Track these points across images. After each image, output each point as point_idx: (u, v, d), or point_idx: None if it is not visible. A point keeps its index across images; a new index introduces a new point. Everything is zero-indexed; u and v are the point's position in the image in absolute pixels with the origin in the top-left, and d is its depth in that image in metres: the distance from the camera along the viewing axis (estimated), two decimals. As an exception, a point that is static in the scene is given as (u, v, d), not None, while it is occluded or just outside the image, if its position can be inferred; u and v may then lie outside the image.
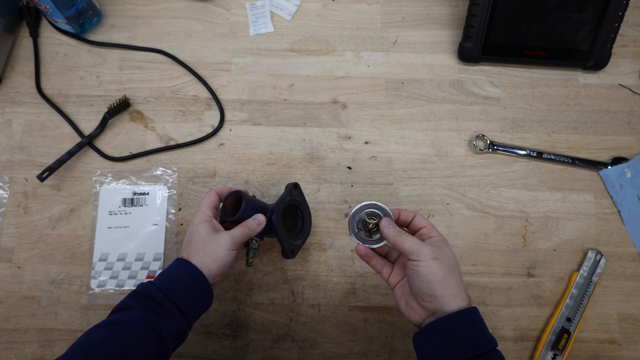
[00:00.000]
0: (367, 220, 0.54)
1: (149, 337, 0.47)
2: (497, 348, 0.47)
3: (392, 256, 0.57)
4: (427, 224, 0.52)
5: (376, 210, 0.54)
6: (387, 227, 0.51)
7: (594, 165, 0.73)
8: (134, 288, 0.52)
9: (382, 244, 0.54)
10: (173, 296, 0.50)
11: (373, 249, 0.55)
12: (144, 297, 0.50)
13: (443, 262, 0.48)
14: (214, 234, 0.55)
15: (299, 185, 0.65)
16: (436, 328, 0.47)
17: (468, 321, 0.46)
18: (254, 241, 0.59)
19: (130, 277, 0.68)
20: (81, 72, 0.77)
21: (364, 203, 0.54)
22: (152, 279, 0.53)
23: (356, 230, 0.54)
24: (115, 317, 0.49)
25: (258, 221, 0.58)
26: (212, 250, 0.53)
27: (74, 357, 0.45)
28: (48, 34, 0.78)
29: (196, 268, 0.52)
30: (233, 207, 0.61)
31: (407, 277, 0.50)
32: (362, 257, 0.55)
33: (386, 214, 0.54)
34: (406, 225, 0.54)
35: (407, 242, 0.49)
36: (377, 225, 0.53)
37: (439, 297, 0.47)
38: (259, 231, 0.58)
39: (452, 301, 0.47)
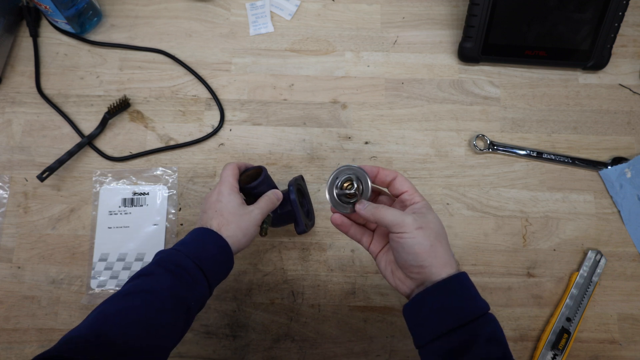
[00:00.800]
0: (345, 188, 0.50)
1: (179, 307, 0.47)
2: (490, 312, 0.45)
3: (370, 225, 0.54)
4: (409, 188, 0.49)
5: (352, 175, 0.50)
6: (363, 208, 0.48)
7: (594, 165, 0.73)
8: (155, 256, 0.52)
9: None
10: (201, 264, 0.49)
11: (350, 217, 0.52)
12: (172, 264, 0.49)
13: (428, 230, 0.45)
14: (245, 207, 0.55)
15: (303, 178, 0.66)
16: (425, 298, 0.45)
17: (457, 288, 0.44)
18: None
19: (130, 277, 0.68)
20: (81, 72, 0.77)
21: (339, 168, 0.50)
22: (172, 247, 0.52)
23: (335, 199, 0.51)
24: (142, 284, 0.47)
25: (277, 196, 0.59)
26: (245, 224, 0.54)
27: (102, 324, 0.43)
28: (48, 34, 0.78)
29: (223, 239, 0.52)
30: (251, 180, 0.60)
31: (392, 249, 0.48)
32: (338, 226, 0.52)
33: (362, 178, 0.50)
34: (386, 185, 0.51)
35: (387, 215, 0.46)
36: (353, 193, 0.50)
37: (427, 267, 0.44)
38: (278, 204, 0.59)
39: (441, 270, 0.44)
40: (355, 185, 0.49)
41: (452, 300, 0.44)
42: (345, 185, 0.50)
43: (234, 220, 0.53)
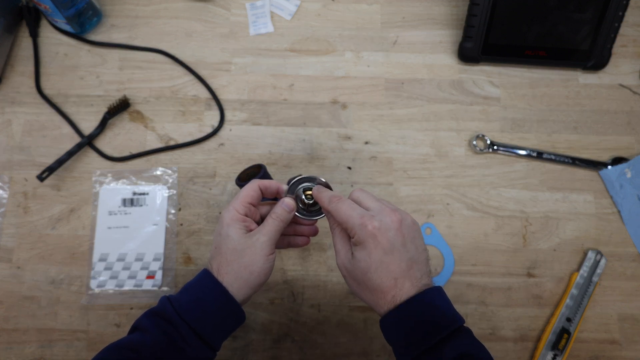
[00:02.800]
0: (304, 196, 0.50)
1: None
2: (464, 325, 0.43)
3: None
4: (343, 224, 0.45)
5: (310, 184, 0.50)
6: (318, 192, 0.47)
7: (594, 165, 0.73)
8: (145, 306, 0.48)
9: (321, 216, 0.51)
10: (193, 322, 0.43)
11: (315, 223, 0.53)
12: (161, 318, 0.44)
13: (351, 281, 0.45)
14: (247, 237, 0.46)
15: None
16: (385, 321, 0.44)
17: (416, 312, 0.42)
18: None
19: (130, 277, 0.68)
20: (81, 72, 0.77)
21: (296, 178, 0.50)
22: (173, 294, 0.46)
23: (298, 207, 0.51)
24: (129, 339, 0.44)
25: (287, 207, 0.49)
26: (248, 259, 0.45)
27: None
28: (48, 34, 0.78)
29: (222, 289, 0.44)
30: (249, 179, 0.58)
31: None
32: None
33: (319, 182, 0.50)
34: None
35: (335, 246, 0.46)
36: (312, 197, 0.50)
37: (378, 287, 0.43)
38: (290, 219, 0.49)
39: (383, 307, 0.43)
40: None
41: (411, 328, 0.42)
42: (306, 194, 0.50)
43: (233, 258, 0.45)
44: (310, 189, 0.50)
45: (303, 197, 0.51)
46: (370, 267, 0.42)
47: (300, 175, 0.52)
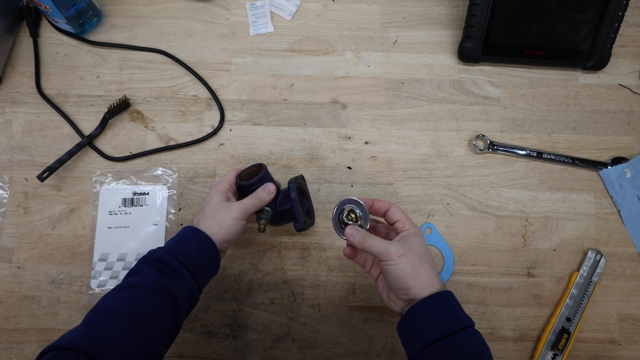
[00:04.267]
0: (346, 219, 0.56)
1: (162, 297, 0.49)
2: (476, 328, 0.49)
3: None
4: (401, 217, 0.54)
5: (353, 206, 0.56)
6: (353, 234, 0.53)
7: (594, 165, 0.73)
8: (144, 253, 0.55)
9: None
10: (181, 257, 0.52)
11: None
12: (154, 260, 0.52)
13: (410, 257, 0.50)
14: (226, 203, 0.57)
15: (304, 177, 0.66)
16: (410, 313, 0.50)
17: (440, 304, 0.49)
18: (265, 209, 0.60)
19: (130, 277, 0.68)
20: (81, 72, 0.77)
21: (341, 201, 0.56)
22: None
23: (340, 228, 0.57)
24: (129, 280, 0.51)
25: (268, 190, 0.60)
26: (221, 217, 0.56)
27: (95, 319, 0.47)
28: (48, 34, 0.78)
29: (203, 233, 0.54)
30: (250, 178, 0.62)
31: (382, 274, 0.54)
32: (347, 255, 0.59)
33: (362, 208, 0.56)
34: (381, 215, 0.56)
35: (373, 245, 0.51)
36: (353, 223, 0.56)
37: (411, 289, 0.49)
38: (269, 200, 0.59)
39: (424, 290, 0.49)
40: (357, 216, 0.55)
41: (436, 314, 0.48)
42: (351, 216, 0.56)
43: (211, 215, 0.56)
44: (351, 211, 0.56)
45: (345, 219, 0.56)
46: (424, 254, 0.52)
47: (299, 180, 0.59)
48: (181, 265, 0.52)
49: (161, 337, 0.49)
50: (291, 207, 0.60)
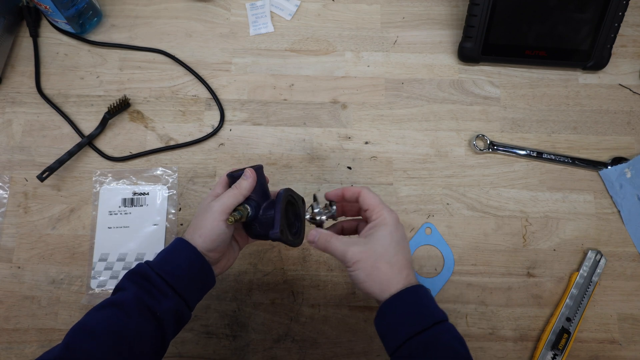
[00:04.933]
0: (313, 215, 0.55)
1: (144, 316, 0.47)
2: (447, 321, 0.47)
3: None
4: (369, 205, 0.51)
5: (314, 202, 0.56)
6: (315, 238, 0.51)
7: (594, 165, 0.73)
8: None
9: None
10: (167, 275, 0.49)
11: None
12: (138, 276, 0.49)
13: (365, 262, 0.48)
14: (208, 205, 0.52)
15: (304, 200, 0.60)
16: (381, 311, 0.48)
17: (405, 302, 0.47)
18: (245, 206, 0.53)
19: (130, 277, 0.68)
20: (81, 72, 0.77)
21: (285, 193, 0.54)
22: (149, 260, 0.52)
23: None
24: (111, 298, 0.48)
25: (246, 175, 0.53)
26: (200, 224, 0.51)
27: (72, 340, 0.45)
28: (48, 34, 0.78)
29: (191, 245, 0.50)
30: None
31: None
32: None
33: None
34: (355, 202, 0.54)
35: (334, 250, 0.50)
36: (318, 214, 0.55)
37: (372, 293, 0.48)
38: (249, 187, 0.52)
39: (384, 293, 0.48)
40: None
41: (402, 313, 0.47)
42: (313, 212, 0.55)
43: (194, 222, 0.52)
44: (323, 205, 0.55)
45: (334, 214, 0.55)
46: (392, 242, 0.49)
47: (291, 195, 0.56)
48: (164, 283, 0.48)
49: (143, 357, 0.46)
50: (274, 213, 0.54)
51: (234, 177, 0.55)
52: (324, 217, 0.55)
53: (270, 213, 0.54)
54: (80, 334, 0.45)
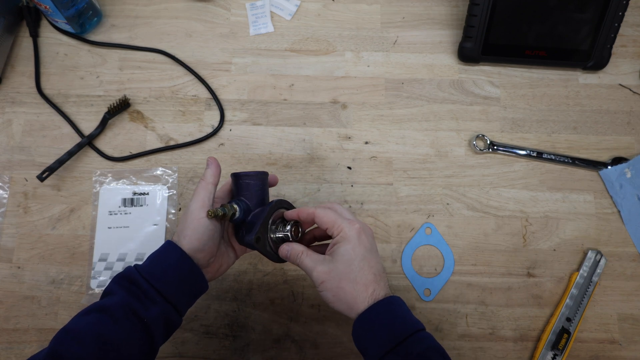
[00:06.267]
0: (291, 233, 0.52)
1: (131, 323, 0.46)
2: (422, 330, 0.46)
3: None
4: (327, 223, 0.49)
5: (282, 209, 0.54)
6: (287, 252, 0.51)
7: (594, 165, 0.73)
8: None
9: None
10: (155, 281, 0.47)
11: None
12: (127, 280, 0.48)
13: (329, 282, 0.47)
14: (186, 208, 0.51)
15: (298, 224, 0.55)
16: (354, 328, 0.47)
17: (373, 320, 0.46)
18: (234, 205, 0.52)
19: (130, 277, 0.68)
20: (81, 72, 0.77)
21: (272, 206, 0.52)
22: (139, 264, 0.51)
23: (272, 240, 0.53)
24: (99, 303, 0.48)
25: (207, 163, 0.52)
26: (182, 224, 0.50)
27: (58, 345, 0.45)
28: (48, 34, 0.78)
29: (179, 248, 0.49)
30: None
31: None
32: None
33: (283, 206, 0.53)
34: (313, 223, 0.52)
35: (303, 267, 0.49)
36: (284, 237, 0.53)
37: (343, 312, 0.48)
38: (212, 174, 0.52)
39: (351, 312, 0.47)
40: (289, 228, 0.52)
41: (374, 329, 0.45)
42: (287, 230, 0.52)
43: (178, 227, 0.51)
44: (294, 224, 0.52)
45: (291, 233, 0.52)
46: (355, 259, 0.47)
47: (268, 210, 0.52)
48: (152, 289, 0.47)
49: None
50: (258, 217, 0.52)
51: (236, 175, 0.54)
52: (279, 235, 0.52)
53: (255, 219, 0.52)
54: (67, 339, 0.45)
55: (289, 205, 0.55)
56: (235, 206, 0.52)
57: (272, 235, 0.52)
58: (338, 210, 0.51)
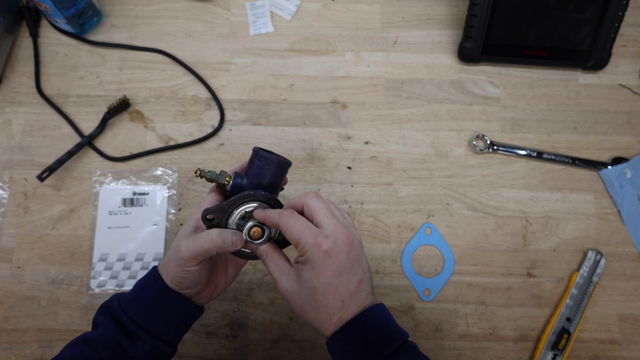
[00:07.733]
0: (249, 235, 0.46)
1: (115, 357, 0.44)
2: (409, 340, 0.43)
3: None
4: (293, 240, 0.43)
5: (252, 206, 0.46)
6: (254, 251, 0.46)
7: (594, 165, 0.73)
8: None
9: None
10: (139, 318, 0.45)
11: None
12: (110, 313, 0.46)
13: (295, 301, 0.43)
14: (180, 237, 0.47)
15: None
16: (334, 343, 0.43)
17: (348, 340, 0.42)
18: (230, 176, 0.46)
19: (130, 277, 0.68)
20: (81, 72, 0.77)
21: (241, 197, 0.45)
22: (124, 292, 0.48)
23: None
24: (85, 335, 0.46)
25: (235, 238, 0.45)
26: (168, 260, 0.46)
27: None
28: (48, 34, 0.78)
29: (162, 282, 0.46)
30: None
31: None
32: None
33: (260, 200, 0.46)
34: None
35: (270, 272, 0.45)
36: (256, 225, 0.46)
37: (315, 327, 0.44)
38: (228, 250, 0.45)
39: (325, 331, 0.43)
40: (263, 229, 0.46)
41: (349, 349, 0.42)
42: (252, 231, 0.46)
43: (168, 252, 0.47)
44: (256, 224, 0.46)
45: (248, 234, 0.45)
46: (318, 288, 0.42)
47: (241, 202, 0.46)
48: (137, 327, 0.45)
49: None
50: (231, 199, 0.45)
51: (255, 152, 0.48)
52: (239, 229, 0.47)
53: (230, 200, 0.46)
54: None
55: (274, 203, 0.48)
56: (229, 178, 0.46)
57: (232, 227, 0.46)
58: (309, 217, 0.44)
